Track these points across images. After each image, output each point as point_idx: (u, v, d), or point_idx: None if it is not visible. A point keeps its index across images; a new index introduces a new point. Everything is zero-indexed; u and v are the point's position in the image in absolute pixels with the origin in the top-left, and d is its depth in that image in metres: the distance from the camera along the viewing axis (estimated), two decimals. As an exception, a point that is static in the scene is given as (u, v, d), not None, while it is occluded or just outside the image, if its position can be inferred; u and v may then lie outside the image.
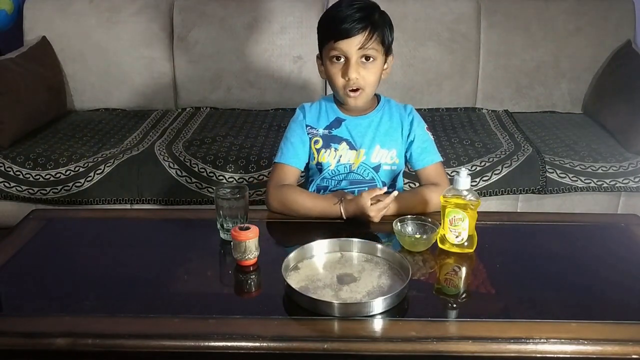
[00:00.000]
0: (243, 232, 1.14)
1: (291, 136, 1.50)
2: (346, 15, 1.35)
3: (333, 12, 1.39)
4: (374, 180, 1.49)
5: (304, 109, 1.52)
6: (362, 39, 1.35)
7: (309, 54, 2.78)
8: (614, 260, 1.25)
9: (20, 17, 2.83)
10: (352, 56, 1.37)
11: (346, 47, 1.36)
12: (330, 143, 1.48)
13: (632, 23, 2.78)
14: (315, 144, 1.49)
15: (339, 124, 1.49)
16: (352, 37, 1.35)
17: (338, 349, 0.96)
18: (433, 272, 1.19)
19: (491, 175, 2.21)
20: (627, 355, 0.95)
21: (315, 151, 1.49)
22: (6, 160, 2.26)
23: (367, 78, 1.40)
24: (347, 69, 1.37)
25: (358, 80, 1.39)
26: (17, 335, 1.00)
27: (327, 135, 1.49)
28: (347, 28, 1.34)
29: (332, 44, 1.37)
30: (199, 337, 0.97)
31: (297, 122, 1.51)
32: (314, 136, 1.49)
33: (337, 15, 1.37)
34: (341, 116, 1.49)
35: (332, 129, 1.49)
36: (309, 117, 1.51)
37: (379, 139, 1.48)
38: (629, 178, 2.22)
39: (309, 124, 1.50)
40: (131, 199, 2.25)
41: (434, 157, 1.51)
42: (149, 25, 2.79)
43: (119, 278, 1.17)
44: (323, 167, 1.49)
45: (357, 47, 1.36)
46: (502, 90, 2.83)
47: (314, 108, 1.52)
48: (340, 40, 1.36)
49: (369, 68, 1.39)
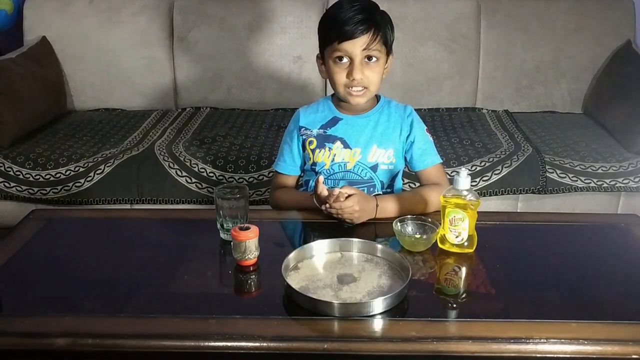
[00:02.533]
0: (243, 232, 1.14)
1: (284, 143, 1.56)
2: (349, 17, 1.35)
3: (335, 13, 1.39)
4: (372, 180, 1.49)
5: (299, 112, 1.54)
6: (366, 40, 1.36)
7: (309, 54, 2.78)
8: (614, 260, 1.25)
9: (20, 17, 2.83)
10: (356, 57, 1.37)
11: (350, 48, 1.36)
12: (324, 143, 1.49)
13: (632, 23, 2.77)
14: (310, 145, 1.50)
15: (335, 123, 1.50)
16: (357, 38, 1.35)
17: (338, 349, 0.96)
18: (433, 272, 1.19)
19: (491, 175, 2.21)
20: (627, 355, 0.95)
21: (311, 152, 1.50)
22: (6, 160, 2.26)
23: (371, 78, 1.40)
24: (352, 69, 1.38)
25: (362, 80, 1.39)
26: (17, 335, 1.00)
27: (321, 135, 1.50)
28: (351, 29, 1.35)
29: (335, 45, 1.37)
30: (199, 337, 0.97)
31: (290, 128, 1.55)
32: (308, 137, 1.50)
33: (340, 16, 1.36)
34: (338, 115, 1.50)
35: (328, 129, 1.50)
36: (304, 119, 1.52)
37: (376, 139, 1.49)
38: (629, 178, 2.22)
39: (304, 125, 1.51)
40: (131, 199, 2.25)
41: (434, 159, 1.52)
42: (149, 25, 2.79)
43: (119, 278, 1.17)
44: (317, 167, 1.50)
45: (362, 48, 1.36)
46: (502, 90, 2.83)
47: (311, 109, 1.54)
48: (345, 41, 1.36)
49: (372, 68, 1.40)
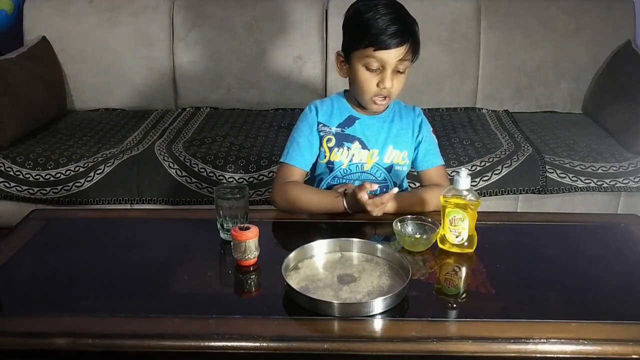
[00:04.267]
0: (243, 232, 1.14)
1: (298, 136, 1.47)
2: (387, 25, 1.32)
3: (371, 18, 1.33)
4: (387, 180, 1.49)
5: (315, 107, 1.49)
6: (403, 51, 1.34)
7: (309, 54, 2.78)
8: (614, 260, 1.25)
9: (20, 17, 2.83)
10: (390, 67, 1.35)
11: (386, 57, 1.34)
12: (343, 142, 1.47)
13: (632, 23, 2.78)
14: (328, 142, 1.47)
15: (353, 123, 1.47)
16: (394, 49, 1.33)
17: (338, 349, 0.96)
18: (433, 272, 1.19)
19: (491, 175, 2.21)
20: (627, 355, 0.95)
21: (328, 149, 1.47)
22: (6, 160, 2.26)
23: (397, 87, 1.38)
24: (383, 78, 1.35)
25: (390, 90, 1.37)
26: (17, 335, 1.00)
27: (340, 134, 1.47)
28: (390, 40, 1.32)
29: (369, 51, 1.34)
30: (199, 337, 0.97)
31: (306, 121, 1.48)
32: (327, 134, 1.47)
33: (378, 23, 1.32)
34: (355, 114, 1.48)
35: (345, 127, 1.47)
36: (322, 115, 1.48)
37: (391, 140, 1.48)
38: (629, 178, 2.22)
39: (322, 122, 1.47)
40: (131, 199, 2.25)
41: (437, 160, 1.52)
42: (149, 25, 2.79)
43: (119, 278, 1.17)
44: (334, 166, 1.48)
45: (397, 58, 1.34)
46: (502, 90, 2.83)
47: (326, 105, 1.49)
48: (381, 50, 1.33)
49: (399, 77, 1.38)
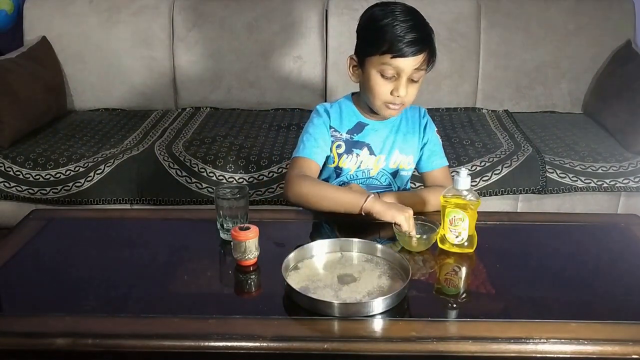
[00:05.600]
0: (243, 232, 1.14)
1: (314, 132, 1.44)
2: (406, 33, 1.30)
3: (389, 25, 1.31)
4: (391, 185, 1.49)
5: (326, 110, 1.47)
6: (420, 60, 1.32)
7: (309, 54, 2.78)
8: (614, 260, 1.25)
9: (20, 17, 2.83)
10: (405, 74, 1.33)
11: (402, 65, 1.32)
12: (352, 149, 1.46)
13: (632, 23, 2.78)
14: (338, 149, 1.46)
15: (362, 129, 1.46)
16: (411, 57, 1.31)
17: (338, 349, 0.96)
18: (433, 272, 1.18)
19: (491, 175, 2.21)
20: (627, 355, 0.95)
21: (337, 155, 1.46)
22: (6, 160, 2.26)
23: (411, 94, 1.37)
24: (398, 86, 1.34)
25: (404, 97, 1.36)
26: (17, 335, 1.00)
27: (349, 141, 1.46)
28: (408, 48, 1.30)
29: (386, 58, 1.32)
30: (199, 337, 0.97)
31: (321, 120, 1.45)
32: (337, 140, 1.46)
33: (396, 31, 1.30)
34: (364, 120, 1.46)
35: (355, 134, 1.46)
36: (333, 119, 1.46)
37: (397, 145, 1.47)
38: (629, 178, 2.22)
39: (333, 126, 1.46)
40: (131, 199, 2.25)
41: (442, 161, 1.51)
42: (149, 25, 2.80)
43: (119, 278, 1.17)
44: (342, 172, 1.47)
45: (413, 67, 1.32)
46: (502, 90, 2.83)
47: (335, 110, 1.47)
48: (399, 58, 1.31)
49: (413, 86, 1.37)
